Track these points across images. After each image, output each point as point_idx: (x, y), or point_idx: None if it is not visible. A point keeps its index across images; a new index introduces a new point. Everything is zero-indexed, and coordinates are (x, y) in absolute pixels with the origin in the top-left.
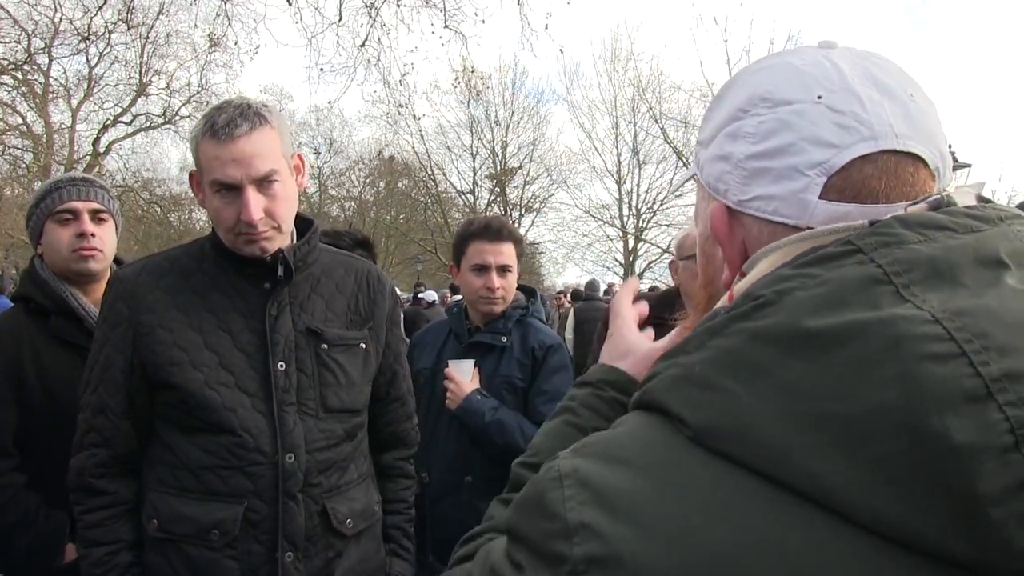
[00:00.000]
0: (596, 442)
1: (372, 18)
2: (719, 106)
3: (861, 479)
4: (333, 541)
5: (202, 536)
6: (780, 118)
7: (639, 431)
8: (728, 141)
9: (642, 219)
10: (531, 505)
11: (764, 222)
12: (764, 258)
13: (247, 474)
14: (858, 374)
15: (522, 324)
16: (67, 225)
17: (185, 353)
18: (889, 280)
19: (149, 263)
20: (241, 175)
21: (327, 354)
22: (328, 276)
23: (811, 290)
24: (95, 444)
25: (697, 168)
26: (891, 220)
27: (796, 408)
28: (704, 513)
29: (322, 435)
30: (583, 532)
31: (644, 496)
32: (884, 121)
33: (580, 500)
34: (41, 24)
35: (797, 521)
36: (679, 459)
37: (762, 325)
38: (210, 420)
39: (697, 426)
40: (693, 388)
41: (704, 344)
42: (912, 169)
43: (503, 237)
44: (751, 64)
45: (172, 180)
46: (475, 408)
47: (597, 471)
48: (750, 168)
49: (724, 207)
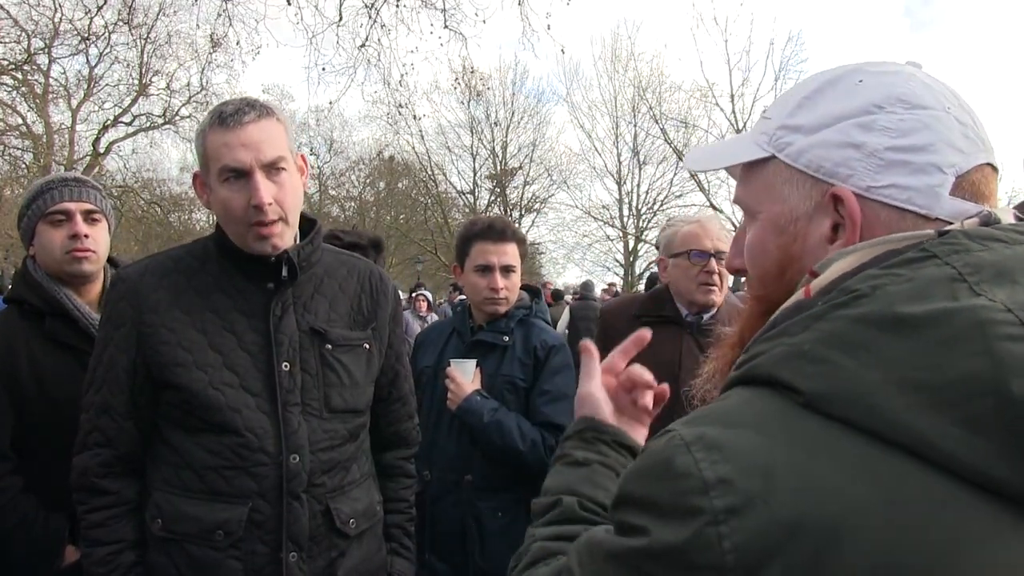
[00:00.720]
0: (710, 413)
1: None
2: (825, 98)
3: (956, 434)
4: (336, 541)
5: (206, 536)
6: (920, 119)
7: (750, 401)
8: (859, 131)
9: (642, 219)
10: (655, 471)
11: (893, 209)
12: (840, 259)
13: (251, 475)
14: (949, 349)
15: (525, 324)
16: (60, 226)
17: (189, 353)
18: (963, 279)
19: (152, 263)
20: (251, 159)
21: (331, 354)
22: (331, 276)
23: (900, 285)
24: (98, 444)
25: (777, 150)
26: (956, 232)
27: (898, 376)
28: (824, 466)
29: (326, 435)
30: (720, 487)
31: (770, 454)
32: (986, 138)
33: (712, 460)
34: (41, 24)
35: (904, 472)
36: (795, 422)
37: (862, 311)
38: (214, 420)
39: (812, 392)
40: (804, 361)
41: (809, 327)
42: (995, 179)
43: (507, 237)
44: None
45: (172, 180)
46: (475, 409)
47: (722, 435)
48: (888, 158)
49: (852, 191)
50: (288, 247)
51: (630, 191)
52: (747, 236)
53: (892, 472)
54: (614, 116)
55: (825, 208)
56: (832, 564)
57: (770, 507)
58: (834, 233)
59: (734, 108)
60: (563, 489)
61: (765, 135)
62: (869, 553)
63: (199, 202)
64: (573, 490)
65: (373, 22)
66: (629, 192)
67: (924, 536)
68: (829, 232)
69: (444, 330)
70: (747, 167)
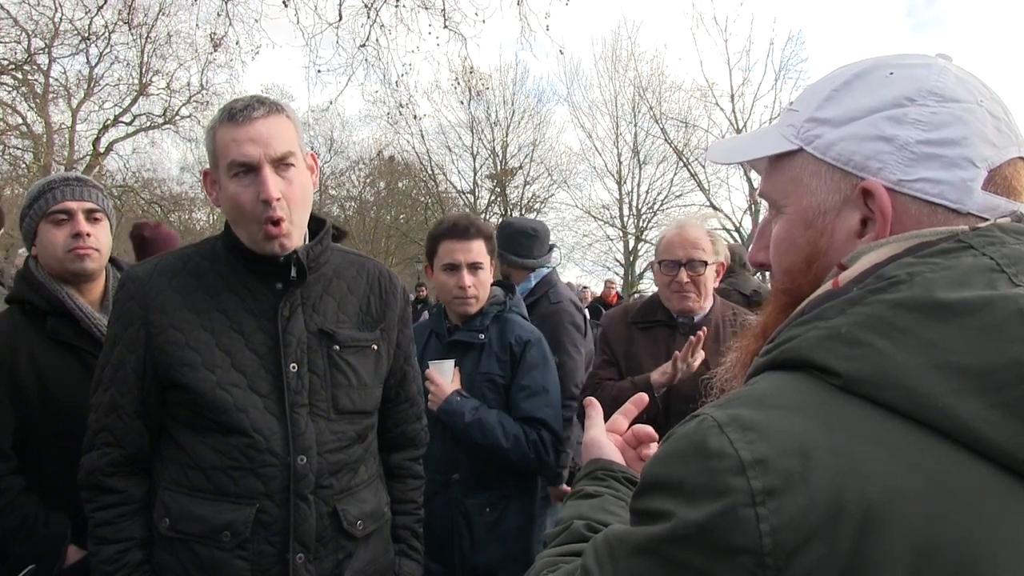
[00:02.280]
0: (742, 396)
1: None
2: (854, 91)
3: (995, 418)
4: (343, 542)
5: (213, 536)
6: (953, 113)
7: (784, 384)
8: (890, 124)
9: (642, 219)
10: (686, 452)
11: (924, 203)
12: (870, 252)
13: (259, 475)
14: (990, 335)
15: (500, 320)
16: (62, 226)
17: (197, 354)
18: (1001, 270)
19: (161, 262)
20: (259, 153)
21: (339, 355)
22: (340, 277)
23: (939, 273)
24: (106, 443)
25: (806, 142)
26: (991, 227)
27: (937, 360)
28: (862, 448)
29: (334, 437)
30: (758, 467)
31: (808, 435)
32: (1019, 131)
33: (748, 440)
34: (41, 24)
35: (943, 457)
36: (832, 404)
37: (901, 296)
38: (222, 421)
39: (848, 374)
40: (841, 344)
41: (845, 311)
42: None
43: (471, 235)
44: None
45: (172, 180)
46: (455, 409)
47: (757, 416)
48: (919, 152)
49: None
50: (297, 247)
51: (630, 191)
52: (773, 230)
53: (932, 457)
54: (614, 116)
55: (854, 202)
56: (872, 548)
57: (810, 489)
58: (863, 227)
59: (734, 108)
60: (573, 516)
61: (792, 127)
62: (909, 537)
63: (199, 202)
64: (582, 515)
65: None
66: (629, 192)
67: (964, 522)
68: (858, 226)
69: (422, 332)
70: (773, 160)
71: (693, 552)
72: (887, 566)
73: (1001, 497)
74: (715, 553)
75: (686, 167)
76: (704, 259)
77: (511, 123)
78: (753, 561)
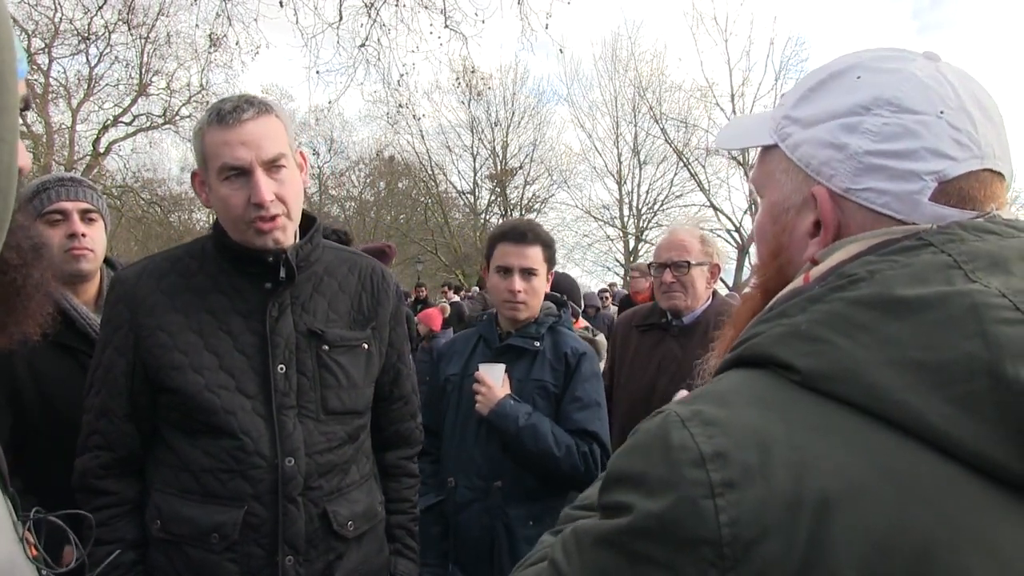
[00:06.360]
0: (705, 393)
1: (372, 18)
2: (825, 92)
3: (949, 412)
4: (334, 544)
5: (202, 538)
6: (905, 125)
7: (746, 381)
8: (843, 132)
9: (642, 219)
10: (649, 446)
11: (870, 212)
12: (840, 248)
13: (247, 478)
14: (945, 331)
15: (553, 331)
16: (57, 226)
17: (185, 356)
18: (959, 266)
19: (150, 264)
20: (251, 157)
21: (328, 355)
22: (331, 275)
23: (898, 270)
24: (98, 446)
25: (780, 139)
26: (952, 224)
27: (895, 356)
28: (820, 442)
29: (323, 438)
30: (718, 460)
31: (767, 429)
32: (988, 143)
33: (709, 434)
34: (41, 24)
35: (900, 451)
36: (792, 400)
37: (860, 294)
38: (210, 423)
39: (807, 371)
40: (801, 341)
41: (806, 308)
42: (998, 184)
43: (528, 240)
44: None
45: (172, 180)
46: (508, 413)
47: (719, 411)
48: (867, 163)
49: (828, 191)
50: (288, 244)
51: (630, 191)
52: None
53: (889, 451)
54: (614, 116)
55: (810, 204)
56: (828, 540)
57: (768, 482)
58: (815, 229)
59: (734, 108)
60: None
61: (775, 120)
62: (866, 530)
63: (199, 202)
64: None
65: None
66: (629, 192)
67: (921, 515)
68: (811, 227)
69: (469, 339)
70: (762, 149)
71: (654, 544)
72: (844, 557)
73: (958, 490)
74: (675, 544)
75: (686, 167)
76: (688, 259)
77: (511, 123)
78: (712, 552)
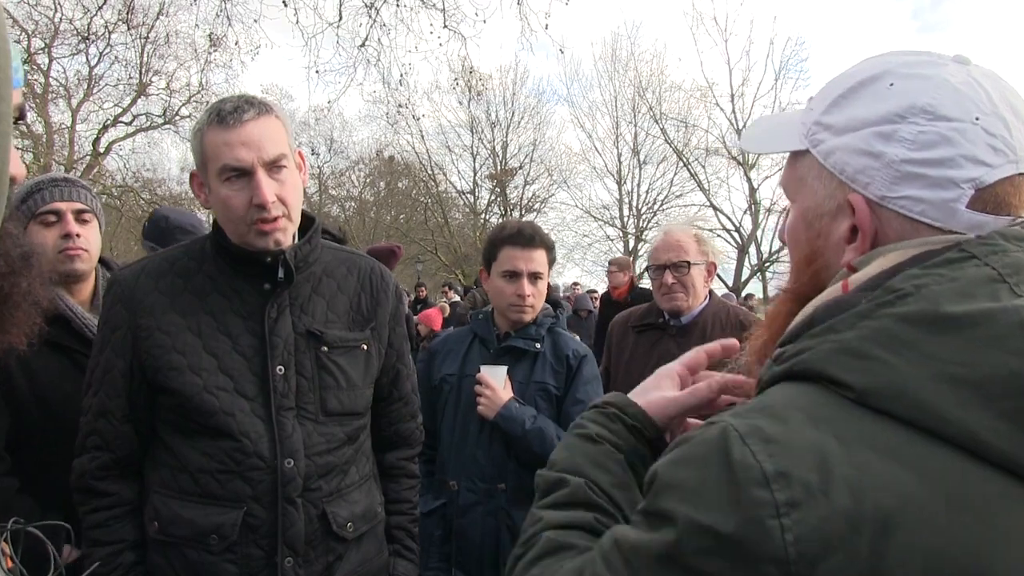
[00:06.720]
0: (759, 407)
1: (372, 18)
2: (856, 99)
3: (999, 427)
4: (333, 545)
5: (201, 540)
6: (941, 132)
7: (800, 397)
8: (879, 140)
9: (642, 219)
10: (707, 460)
11: (906, 219)
12: (879, 257)
13: (246, 479)
14: (993, 347)
15: (552, 332)
16: (51, 227)
17: (183, 357)
18: (1003, 280)
19: (148, 264)
20: (252, 158)
21: (327, 357)
22: (330, 275)
23: (944, 285)
24: (96, 447)
25: (812, 145)
26: (993, 234)
27: (944, 372)
28: (876, 459)
29: (322, 439)
30: (781, 480)
31: (824, 447)
32: (1022, 146)
33: (769, 452)
34: (41, 24)
35: (954, 467)
36: (845, 416)
37: (908, 311)
38: (209, 424)
39: (861, 388)
40: (852, 358)
41: (855, 324)
42: None
43: (535, 243)
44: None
45: (172, 180)
46: (514, 416)
47: (777, 429)
48: (904, 171)
49: (865, 199)
50: (287, 245)
51: (630, 191)
52: (788, 220)
53: (943, 467)
54: (614, 116)
55: (846, 210)
56: (887, 556)
57: (830, 500)
58: (852, 235)
59: (734, 108)
60: (570, 468)
61: (804, 125)
62: (921, 545)
63: (199, 201)
64: (580, 471)
65: (373, 22)
66: (629, 192)
67: (974, 531)
68: (847, 233)
69: (464, 338)
70: (791, 153)
71: (719, 562)
72: (901, 573)
73: (1011, 506)
74: (741, 563)
75: (686, 167)
76: (687, 259)
77: (511, 123)
78: (779, 570)
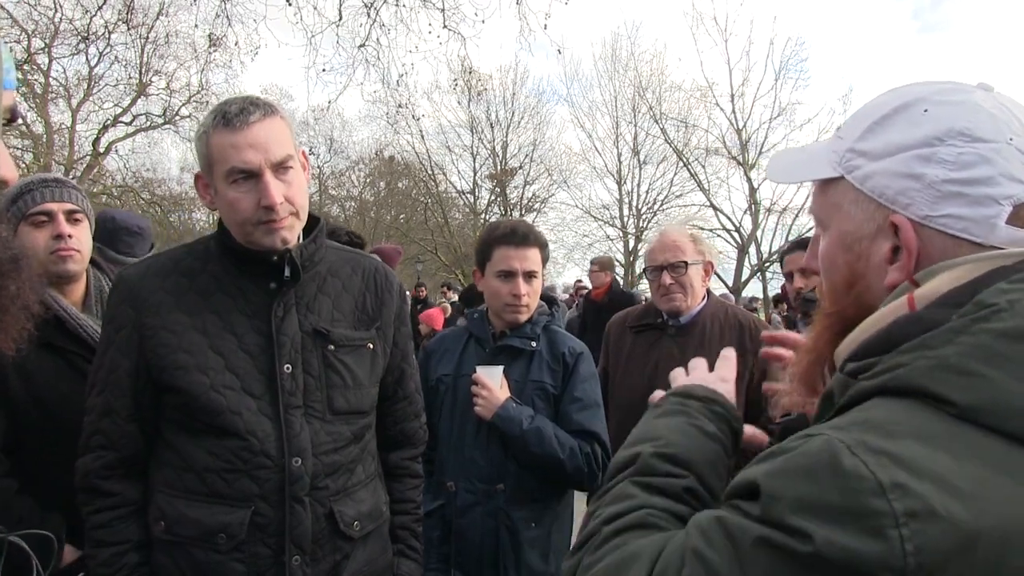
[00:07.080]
0: (860, 421)
1: (372, 18)
2: (891, 125)
3: None
4: (340, 544)
5: (208, 539)
6: (979, 153)
7: (901, 412)
8: (918, 162)
9: (642, 219)
10: (815, 470)
11: (949, 237)
12: (945, 271)
13: (253, 478)
14: None
15: (548, 331)
16: (43, 227)
17: (190, 356)
18: None
19: (154, 264)
20: (260, 160)
21: (334, 355)
22: (335, 275)
23: None
24: (101, 447)
25: (846, 171)
26: None
27: None
28: (987, 474)
29: (329, 438)
30: (897, 490)
31: (936, 461)
32: None
33: (882, 464)
34: (41, 24)
35: None
36: (950, 431)
37: (1005, 326)
38: (216, 423)
39: (964, 404)
40: (951, 374)
41: (952, 340)
42: None
43: (529, 242)
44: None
45: (172, 180)
46: (512, 416)
47: (885, 443)
48: (945, 190)
49: (908, 219)
50: (293, 244)
51: (630, 191)
52: (820, 247)
53: None
54: (614, 116)
55: (886, 232)
56: (1001, 571)
57: (949, 513)
58: (893, 255)
59: (734, 108)
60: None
61: (836, 154)
62: None
63: (199, 202)
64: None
65: (373, 22)
66: (629, 192)
67: None
68: (889, 254)
69: (459, 337)
70: (820, 182)
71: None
72: None
73: None
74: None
75: (686, 167)
76: (684, 260)
77: (511, 123)
78: None
